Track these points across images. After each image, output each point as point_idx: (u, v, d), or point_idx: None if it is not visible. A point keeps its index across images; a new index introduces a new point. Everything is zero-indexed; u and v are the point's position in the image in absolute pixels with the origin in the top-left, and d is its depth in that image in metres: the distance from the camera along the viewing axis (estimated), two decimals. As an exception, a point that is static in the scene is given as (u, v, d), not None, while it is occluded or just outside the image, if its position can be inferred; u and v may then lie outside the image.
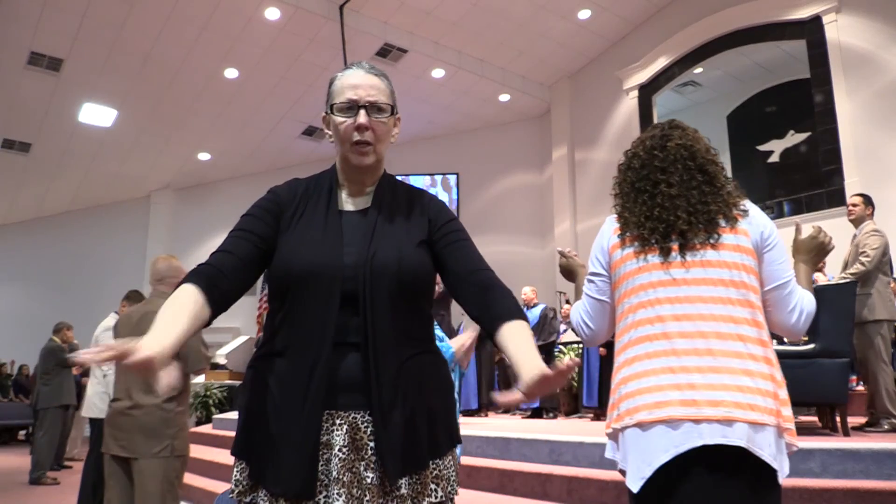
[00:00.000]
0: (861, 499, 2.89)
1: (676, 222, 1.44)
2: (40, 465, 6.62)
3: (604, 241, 1.58)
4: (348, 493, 1.14)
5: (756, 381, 1.33)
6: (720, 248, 1.43)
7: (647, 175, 1.53)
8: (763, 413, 1.31)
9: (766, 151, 12.13)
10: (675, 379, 1.35)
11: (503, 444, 4.34)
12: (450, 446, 1.27)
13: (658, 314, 1.41)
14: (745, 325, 1.38)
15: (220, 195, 14.55)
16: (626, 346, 1.46)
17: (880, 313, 4.49)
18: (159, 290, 3.18)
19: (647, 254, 1.46)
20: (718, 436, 1.29)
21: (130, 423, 2.91)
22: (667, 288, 1.42)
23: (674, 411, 1.32)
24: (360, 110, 1.26)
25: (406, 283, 1.22)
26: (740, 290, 1.40)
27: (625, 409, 1.40)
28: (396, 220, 1.30)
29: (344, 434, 1.16)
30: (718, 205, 1.46)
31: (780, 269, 1.48)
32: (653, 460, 1.32)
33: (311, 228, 1.26)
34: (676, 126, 1.59)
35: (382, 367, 1.17)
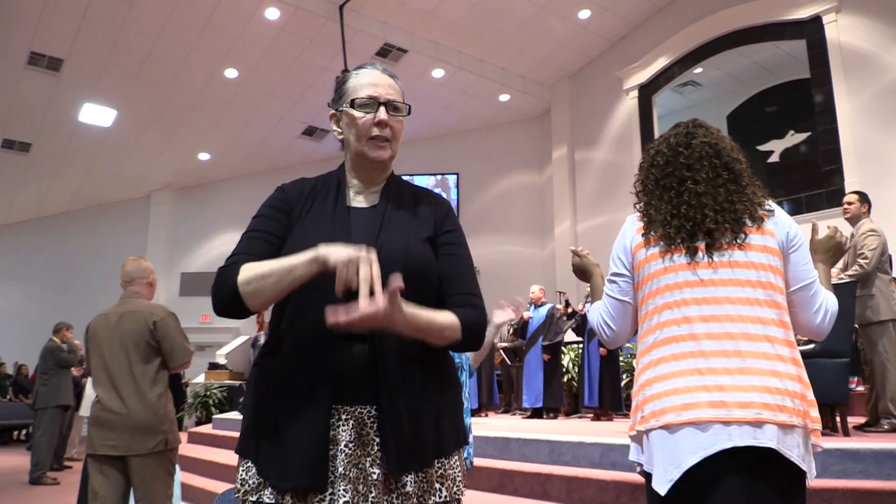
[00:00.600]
0: (861, 499, 2.89)
1: (704, 220, 1.43)
2: (40, 465, 6.62)
3: (626, 241, 1.55)
4: (354, 488, 1.14)
5: (784, 383, 1.33)
6: (747, 248, 1.42)
7: (673, 172, 1.51)
8: (792, 414, 1.30)
9: (766, 151, 12.13)
10: (704, 381, 1.33)
11: (503, 444, 4.34)
12: (456, 446, 1.26)
13: (685, 315, 1.39)
14: (773, 326, 1.37)
15: (220, 195, 14.55)
16: (651, 348, 1.44)
17: (885, 314, 4.43)
18: (130, 290, 3.20)
19: (674, 254, 1.44)
20: (748, 437, 1.27)
21: (123, 422, 2.92)
22: (694, 289, 1.40)
23: (703, 413, 1.30)
24: (380, 107, 1.28)
25: (413, 276, 1.22)
26: (767, 290, 1.39)
27: (650, 410, 1.38)
28: (404, 215, 1.31)
29: (350, 429, 1.16)
30: (744, 204, 1.45)
31: (805, 269, 1.47)
32: (681, 462, 1.30)
33: (318, 223, 1.27)
34: (700, 125, 1.59)
35: (389, 359, 1.17)
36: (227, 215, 13.85)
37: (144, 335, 3.01)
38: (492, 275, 12.31)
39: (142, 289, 3.22)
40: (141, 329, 3.02)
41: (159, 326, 3.03)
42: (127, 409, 2.93)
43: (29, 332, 12.42)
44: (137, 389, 2.96)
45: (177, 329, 3.09)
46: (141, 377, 2.98)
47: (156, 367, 3.03)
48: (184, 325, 3.23)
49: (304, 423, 1.15)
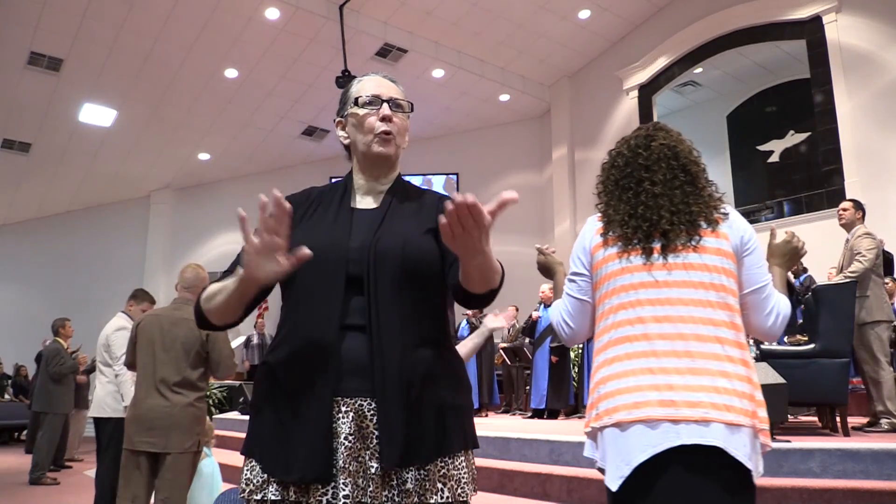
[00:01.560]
0: (861, 499, 2.89)
1: (660, 221, 1.46)
2: (40, 465, 6.62)
3: (586, 242, 1.59)
4: (354, 482, 1.14)
5: (733, 383, 1.36)
6: (702, 250, 1.45)
7: (631, 173, 1.55)
8: (739, 414, 1.34)
9: (766, 151, 12.14)
10: (654, 380, 1.37)
11: (503, 444, 4.35)
12: (462, 446, 1.25)
13: (639, 315, 1.43)
14: (724, 328, 1.41)
15: (220, 195, 14.55)
16: (605, 347, 1.48)
17: (877, 315, 4.54)
18: (185, 296, 3.39)
19: (630, 254, 1.48)
20: (695, 436, 1.31)
21: (165, 421, 3.11)
22: (648, 290, 1.44)
23: (652, 412, 1.34)
24: (383, 104, 1.33)
25: (410, 265, 1.23)
26: (720, 292, 1.43)
27: (604, 408, 1.42)
28: (406, 212, 1.32)
29: (350, 422, 1.16)
30: (700, 206, 1.49)
31: (758, 272, 1.50)
32: (631, 459, 1.35)
33: (321, 224, 1.30)
34: (661, 128, 1.62)
35: (387, 349, 1.17)
36: (227, 215, 13.84)
37: (196, 344, 3.21)
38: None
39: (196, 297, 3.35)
40: (194, 338, 3.21)
41: (211, 338, 3.24)
42: (171, 408, 3.12)
43: (29, 332, 12.42)
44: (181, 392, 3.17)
45: (226, 342, 3.31)
46: (186, 381, 3.19)
47: (200, 373, 3.25)
48: None
49: (307, 414, 1.15)
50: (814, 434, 4.34)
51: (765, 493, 3.01)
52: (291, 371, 1.20)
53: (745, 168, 12.56)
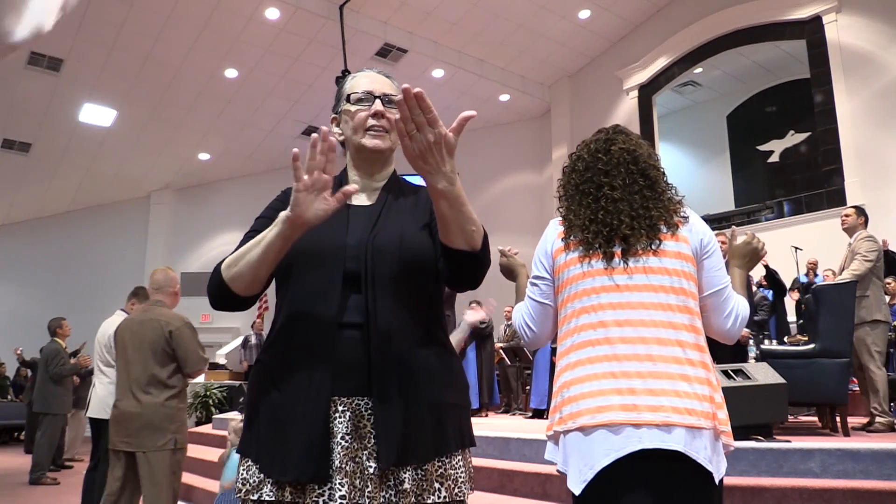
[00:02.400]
0: (861, 499, 2.89)
1: (620, 226, 1.47)
2: (40, 465, 6.62)
3: (548, 245, 1.60)
4: (351, 482, 1.13)
5: (693, 386, 1.37)
6: (662, 254, 1.46)
7: (591, 178, 1.56)
8: (700, 417, 1.35)
9: (766, 151, 12.14)
10: (617, 384, 1.38)
11: (503, 444, 4.34)
12: (459, 446, 1.25)
13: (601, 319, 1.44)
14: (684, 331, 1.42)
15: (220, 195, 14.54)
16: (568, 351, 1.48)
17: (875, 315, 4.59)
18: (155, 298, 3.50)
19: (591, 259, 1.48)
20: (657, 440, 1.32)
21: (137, 420, 3.21)
22: (610, 294, 1.45)
23: (615, 416, 1.35)
24: (375, 100, 1.32)
25: (407, 262, 1.23)
26: (680, 296, 1.44)
27: (567, 412, 1.42)
28: (403, 209, 1.32)
29: (347, 421, 1.15)
30: (660, 210, 1.49)
31: (717, 275, 1.52)
32: (594, 463, 1.35)
33: None
34: (620, 131, 1.63)
35: (384, 347, 1.17)
36: (227, 215, 13.84)
37: (161, 343, 3.28)
38: (491, 275, 12.27)
39: (166, 298, 3.52)
40: (158, 337, 3.28)
41: (175, 336, 3.29)
42: (141, 409, 3.21)
43: (29, 332, 12.41)
44: (151, 391, 3.24)
45: (191, 338, 3.34)
46: (155, 380, 3.26)
47: (170, 372, 3.29)
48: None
49: (303, 414, 1.14)
50: (814, 434, 4.34)
51: (765, 493, 3.01)
52: (287, 370, 1.18)
53: (745, 168, 12.56)
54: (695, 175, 12.80)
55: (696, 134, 13.27)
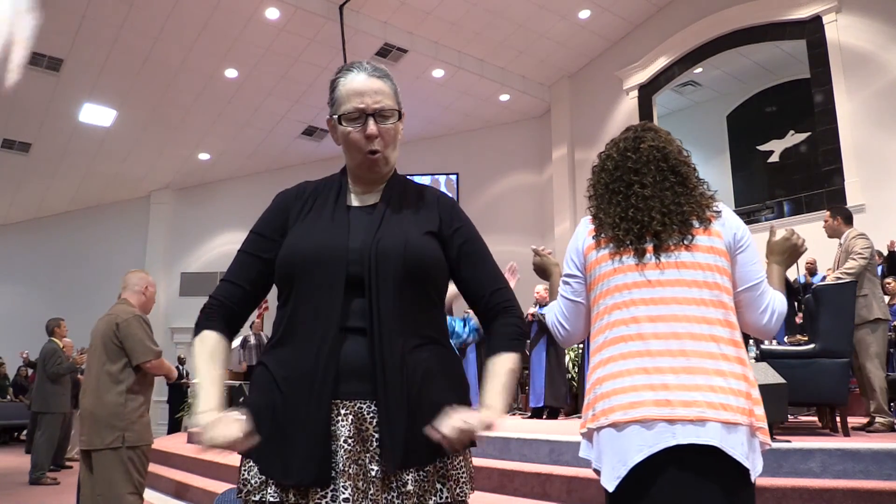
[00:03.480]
0: (861, 499, 2.89)
1: (651, 223, 1.46)
2: (40, 465, 6.62)
3: (579, 243, 1.59)
4: (354, 485, 1.13)
5: (729, 381, 1.35)
6: (694, 249, 1.45)
7: (621, 176, 1.55)
8: (736, 413, 1.33)
9: (766, 151, 12.14)
10: (650, 379, 1.36)
11: (503, 444, 4.34)
12: None
13: (633, 315, 1.43)
14: (718, 326, 1.40)
15: (220, 195, 14.54)
16: (601, 347, 1.47)
17: (875, 313, 4.56)
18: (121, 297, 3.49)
19: (623, 255, 1.47)
20: (692, 436, 1.31)
21: (89, 418, 3.16)
22: (642, 289, 1.44)
23: (648, 411, 1.34)
24: (367, 119, 1.27)
25: (412, 268, 1.22)
26: (713, 291, 1.42)
27: (600, 409, 1.41)
28: (405, 211, 1.30)
29: (349, 425, 1.15)
30: (692, 206, 1.48)
31: (752, 270, 1.50)
32: (627, 460, 1.34)
33: (318, 220, 1.28)
34: (649, 129, 1.62)
35: (388, 351, 1.16)
36: (227, 215, 13.84)
37: (110, 336, 3.23)
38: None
39: (131, 296, 3.47)
40: (108, 331, 3.25)
41: (122, 327, 3.23)
42: (94, 406, 3.17)
43: (29, 333, 12.41)
44: (99, 387, 3.18)
45: (139, 328, 3.26)
46: (105, 376, 3.19)
47: (120, 367, 3.21)
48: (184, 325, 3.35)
49: (306, 417, 1.14)
50: (814, 434, 4.34)
51: (765, 493, 3.01)
52: (290, 373, 1.18)
53: (745, 168, 12.56)
54: (695, 175, 12.78)
55: (696, 134, 13.25)
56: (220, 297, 1.31)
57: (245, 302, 1.31)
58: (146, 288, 3.52)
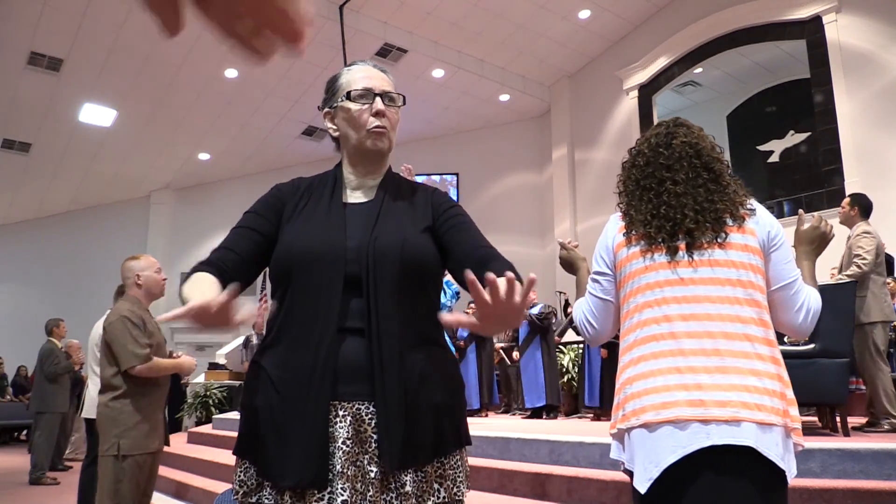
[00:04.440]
0: (861, 499, 2.89)
1: (683, 221, 1.43)
2: (40, 465, 6.62)
3: (609, 240, 1.56)
4: (352, 487, 1.12)
5: (763, 381, 1.33)
6: (728, 247, 1.42)
7: (653, 173, 1.52)
8: (770, 413, 1.30)
9: (766, 151, 12.14)
10: (683, 379, 1.33)
11: (503, 444, 4.34)
12: (457, 445, 1.25)
13: (665, 314, 1.40)
14: (752, 325, 1.37)
15: (220, 195, 14.55)
16: (631, 346, 1.44)
17: (875, 315, 4.50)
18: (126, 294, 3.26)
19: (654, 252, 1.44)
20: (727, 436, 1.28)
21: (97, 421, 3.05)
22: (674, 287, 1.41)
23: (681, 412, 1.31)
24: (376, 97, 1.29)
25: (409, 267, 1.22)
26: (747, 289, 1.39)
27: (630, 409, 1.38)
28: (400, 208, 1.30)
29: (347, 426, 1.15)
30: (725, 203, 1.45)
31: (786, 268, 1.47)
32: (660, 461, 1.31)
33: (314, 217, 1.27)
34: (681, 124, 1.58)
35: (386, 351, 1.16)
36: (227, 215, 13.82)
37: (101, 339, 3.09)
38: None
39: (130, 290, 3.19)
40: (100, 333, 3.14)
41: (108, 331, 3.01)
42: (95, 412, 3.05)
43: (29, 333, 12.41)
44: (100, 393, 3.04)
45: (122, 332, 2.96)
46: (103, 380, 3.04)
47: (113, 372, 2.99)
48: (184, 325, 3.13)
49: (303, 418, 1.13)
50: (814, 434, 4.33)
51: (765, 493, 3.01)
52: (286, 373, 1.17)
53: (745, 168, 12.55)
54: (695, 175, 12.78)
55: (696, 134, 13.25)
56: (211, 258, 1.27)
57: (237, 266, 1.25)
58: (137, 276, 3.16)
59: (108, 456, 2.92)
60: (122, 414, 2.95)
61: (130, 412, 2.97)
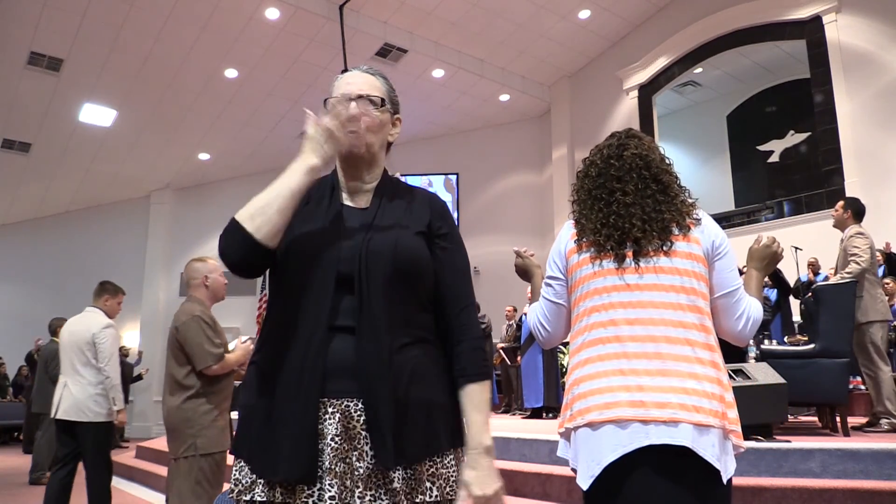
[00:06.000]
0: (861, 499, 2.89)
1: (631, 230, 1.49)
2: (40, 465, 6.61)
3: (561, 246, 1.62)
4: (341, 483, 1.13)
5: (702, 384, 1.38)
6: (673, 255, 1.48)
7: (604, 183, 1.58)
8: (708, 415, 1.36)
9: (766, 151, 12.14)
10: (625, 381, 1.39)
11: (503, 444, 4.34)
12: (451, 445, 1.25)
13: (611, 318, 1.46)
14: (694, 330, 1.43)
15: (220, 195, 14.54)
16: (580, 348, 1.50)
17: (872, 315, 4.54)
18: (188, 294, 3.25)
19: (603, 259, 1.50)
20: (664, 436, 1.34)
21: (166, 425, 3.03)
22: (620, 293, 1.47)
23: (622, 412, 1.37)
24: (350, 103, 1.33)
25: (401, 267, 1.23)
26: (690, 295, 1.45)
27: (577, 409, 1.44)
28: (397, 212, 1.32)
29: (336, 423, 1.15)
30: (672, 213, 1.51)
31: (729, 277, 1.53)
32: (601, 459, 1.37)
33: (311, 219, 1.29)
34: (633, 135, 1.64)
35: (375, 349, 1.17)
36: (227, 215, 13.39)
37: (174, 339, 3.07)
38: (491, 275, 12.30)
39: (196, 291, 3.22)
40: (172, 333, 3.08)
41: (181, 331, 3.04)
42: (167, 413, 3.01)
43: (29, 333, 12.41)
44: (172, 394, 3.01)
45: (198, 333, 3.02)
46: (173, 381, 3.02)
47: (186, 371, 3.02)
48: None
49: (293, 415, 1.15)
50: (814, 434, 4.34)
51: (764, 493, 3.01)
52: (278, 371, 1.19)
53: (745, 168, 12.56)
54: (695, 175, 12.79)
55: (696, 134, 13.26)
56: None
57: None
58: (205, 277, 3.22)
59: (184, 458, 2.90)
60: (196, 413, 2.96)
61: (205, 411, 3.00)
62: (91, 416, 4.00)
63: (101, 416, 4.02)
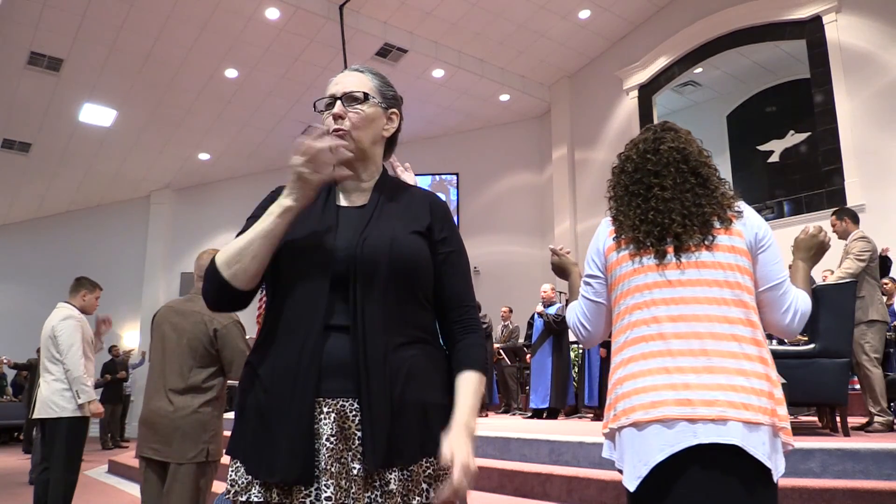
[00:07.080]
0: (861, 499, 2.89)
1: (671, 225, 1.46)
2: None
3: (599, 244, 1.59)
4: (336, 483, 1.12)
5: (751, 381, 1.35)
6: (715, 249, 1.44)
7: (641, 179, 1.54)
8: (757, 412, 1.32)
9: (766, 151, 12.14)
10: (671, 379, 1.36)
11: (503, 444, 4.34)
12: None
13: (654, 315, 1.42)
14: (740, 326, 1.39)
15: (220, 195, 14.55)
16: (622, 347, 1.47)
17: (871, 315, 4.60)
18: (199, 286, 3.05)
19: (643, 256, 1.47)
20: (713, 435, 1.30)
21: (168, 426, 2.79)
22: (662, 289, 1.43)
23: (669, 411, 1.33)
24: (335, 102, 1.32)
25: (397, 266, 1.22)
26: (734, 290, 1.42)
27: (621, 409, 1.41)
28: (394, 211, 1.31)
29: (332, 423, 1.15)
30: (713, 206, 1.48)
31: (774, 269, 1.49)
32: (648, 459, 1.34)
33: (307, 219, 1.28)
34: (669, 128, 1.61)
35: (370, 349, 1.16)
36: (227, 215, 13.84)
37: (203, 341, 2.84)
38: (491, 275, 12.31)
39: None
40: (201, 334, 2.85)
41: (220, 335, 2.85)
42: (173, 413, 2.79)
43: (29, 333, 12.41)
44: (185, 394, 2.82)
45: (240, 338, 2.88)
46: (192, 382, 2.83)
47: (209, 374, 2.85)
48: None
49: (288, 415, 1.14)
50: (814, 434, 4.34)
51: (765, 493, 3.01)
52: (273, 371, 1.19)
53: (745, 168, 12.56)
54: (695, 175, 12.78)
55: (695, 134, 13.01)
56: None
57: None
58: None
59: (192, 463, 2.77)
60: (212, 419, 2.84)
61: (217, 417, 2.89)
62: (58, 412, 3.87)
63: (68, 410, 3.86)
